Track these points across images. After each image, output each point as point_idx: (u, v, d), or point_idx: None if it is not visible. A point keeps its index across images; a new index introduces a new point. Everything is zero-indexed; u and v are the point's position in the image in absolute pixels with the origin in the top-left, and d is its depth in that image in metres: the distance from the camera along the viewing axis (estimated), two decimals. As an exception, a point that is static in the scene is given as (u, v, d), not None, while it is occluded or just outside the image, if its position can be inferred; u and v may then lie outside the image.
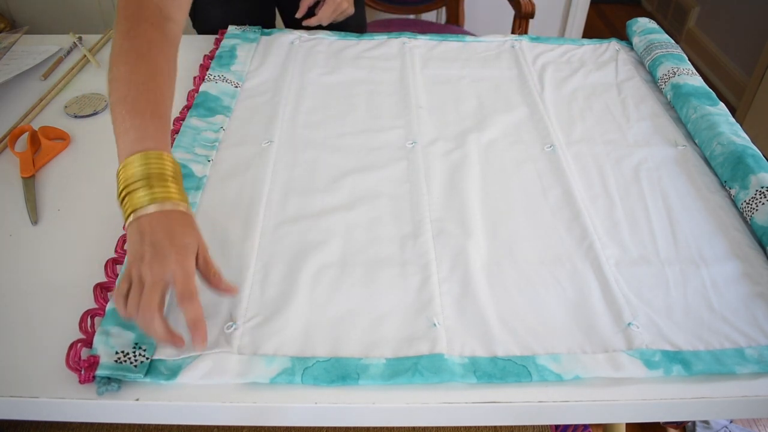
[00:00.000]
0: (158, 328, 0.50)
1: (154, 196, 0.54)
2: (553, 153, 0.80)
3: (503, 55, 1.02)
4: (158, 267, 0.51)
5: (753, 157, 0.73)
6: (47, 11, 1.77)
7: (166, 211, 0.54)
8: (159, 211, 0.54)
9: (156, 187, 0.55)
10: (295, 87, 0.92)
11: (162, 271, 0.51)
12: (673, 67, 0.92)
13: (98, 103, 0.88)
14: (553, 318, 0.59)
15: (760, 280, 0.63)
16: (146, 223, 0.54)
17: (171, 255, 0.52)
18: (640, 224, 0.69)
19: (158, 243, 0.52)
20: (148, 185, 0.55)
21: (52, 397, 0.51)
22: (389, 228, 0.68)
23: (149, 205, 0.54)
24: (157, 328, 0.50)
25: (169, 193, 0.55)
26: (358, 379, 0.52)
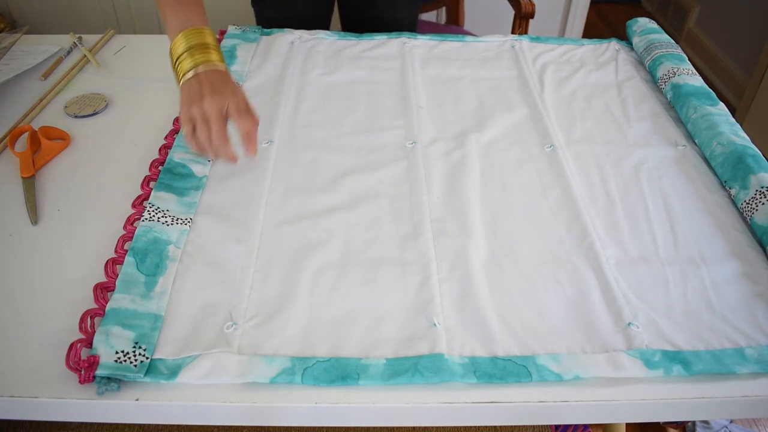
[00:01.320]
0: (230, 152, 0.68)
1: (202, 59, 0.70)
2: (553, 153, 0.80)
3: (503, 55, 1.02)
4: (219, 99, 0.66)
5: (753, 157, 0.73)
6: (47, 11, 1.77)
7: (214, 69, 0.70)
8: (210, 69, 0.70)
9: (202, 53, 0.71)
10: (295, 87, 0.92)
11: (222, 102, 0.66)
12: (673, 67, 0.92)
13: (98, 103, 0.88)
14: (553, 318, 0.59)
15: (760, 280, 0.63)
16: (202, 75, 0.69)
17: (227, 89, 0.68)
18: (640, 224, 0.69)
19: (214, 84, 0.68)
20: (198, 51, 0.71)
21: (52, 397, 0.51)
22: (389, 228, 0.68)
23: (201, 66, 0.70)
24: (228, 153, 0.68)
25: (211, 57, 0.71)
26: (358, 379, 0.52)
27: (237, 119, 0.67)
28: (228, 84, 0.69)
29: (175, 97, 0.89)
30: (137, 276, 0.60)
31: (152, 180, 0.72)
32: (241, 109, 0.67)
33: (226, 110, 0.67)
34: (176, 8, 0.73)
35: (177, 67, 0.72)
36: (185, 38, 0.71)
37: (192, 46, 0.71)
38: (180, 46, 0.71)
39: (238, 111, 0.67)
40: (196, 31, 0.72)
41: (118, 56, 1.01)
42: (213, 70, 0.70)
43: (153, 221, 0.65)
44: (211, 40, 0.73)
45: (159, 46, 1.04)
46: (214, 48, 0.73)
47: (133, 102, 0.89)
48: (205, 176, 0.74)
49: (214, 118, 0.66)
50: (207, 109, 0.66)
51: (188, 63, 0.70)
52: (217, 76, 0.69)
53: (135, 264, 0.61)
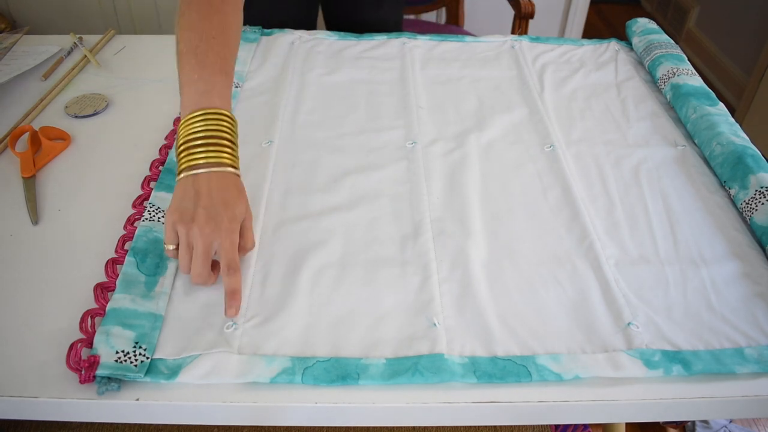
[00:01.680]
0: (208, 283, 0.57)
1: (210, 158, 0.58)
2: (553, 153, 0.80)
3: (503, 56, 1.02)
4: (209, 234, 0.55)
5: (752, 157, 0.73)
6: (48, 11, 1.77)
7: (221, 174, 0.58)
8: (215, 173, 0.57)
9: (213, 149, 0.58)
10: (295, 87, 0.92)
11: (212, 238, 0.55)
12: (672, 68, 0.92)
13: (99, 103, 0.88)
14: (553, 318, 0.59)
15: (759, 280, 0.63)
16: (203, 182, 0.57)
17: (223, 223, 0.55)
18: (640, 224, 0.69)
19: (212, 208, 0.56)
20: (206, 145, 0.58)
21: (52, 397, 0.51)
22: (389, 228, 0.68)
23: (206, 167, 0.57)
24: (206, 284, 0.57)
25: (225, 157, 0.59)
26: (358, 379, 0.52)
27: (224, 273, 0.56)
28: (229, 205, 0.57)
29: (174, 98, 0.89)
30: (137, 276, 0.60)
31: (152, 180, 0.72)
32: (231, 257, 0.55)
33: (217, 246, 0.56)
34: (197, 73, 0.59)
35: (181, 155, 0.59)
36: (201, 122, 0.58)
37: (205, 136, 0.58)
38: (192, 130, 0.58)
39: (228, 263, 0.55)
40: (214, 115, 0.59)
41: (118, 56, 1.01)
42: (219, 176, 0.58)
43: (153, 221, 0.65)
44: (229, 130, 0.60)
45: (159, 47, 1.04)
46: (229, 143, 0.60)
47: (134, 102, 0.89)
48: (206, 176, 0.74)
49: (200, 252, 0.55)
50: (193, 240, 0.55)
51: (194, 158, 0.58)
52: (222, 183, 0.57)
53: (135, 264, 0.61)
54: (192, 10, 0.61)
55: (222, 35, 0.62)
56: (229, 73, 0.62)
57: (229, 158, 0.59)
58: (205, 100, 0.58)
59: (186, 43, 0.60)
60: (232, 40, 0.64)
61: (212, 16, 0.62)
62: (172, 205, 0.56)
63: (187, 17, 0.61)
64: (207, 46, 0.60)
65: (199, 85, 0.59)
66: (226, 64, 0.62)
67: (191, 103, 0.59)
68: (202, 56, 0.60)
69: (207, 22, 0.61)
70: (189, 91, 0.59)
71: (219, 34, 0.62)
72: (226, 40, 0.62)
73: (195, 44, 0.60)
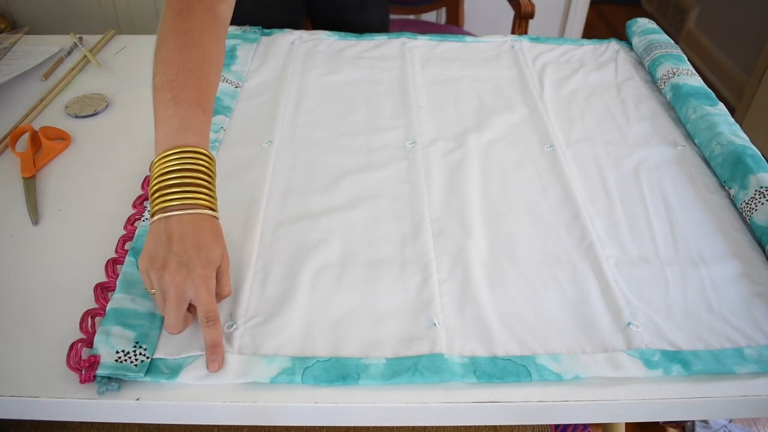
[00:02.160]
0: (180, 331, 0.52)
1: (185, 200, 0.53)
2: (553, 153, 0.80)
3: (503, 56, 1.02)
4: (181, 282, 0.50)
5: (752, 157, 0.73)
6: (48, 11, 1.77)
7: (196, 216, 0.53)
8: (189, 215, 0.53)
9: (189, 189, 0.54)
10: (295, 87, 0.92)
11: (185, 286, 0.51)
12: (672, 68, 0.92)
13: (99, 103, 0.88)
14: (553, 318, 0.59)
15: (759, 280, 0.63)
16: (175, 226, 0.52)
17: (196, 269, 0.51)
18: (640, 224, 0.69)
19: (185, 253, 0.51)
20: (181, 186, 0.53)
21: (52, 397, 0.51)
22: (389, 228, 0.68)
23: (179, 209, 0.53)
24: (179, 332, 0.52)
25: (200, 198, 0.54)
26: (358, 379, 0.52)
27: (202, 325, 0.51)
28: (203, 249, 0.52)
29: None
30: (138, 276, 0.60)
31: (152, 180, 0.72)
32: (208, 307, 0.51)
33: (192, 294, 0.52)
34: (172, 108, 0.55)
35: (154, 196, 0.54)
36: (176, 161, 0.54)
37: (180, 176, 0.53)
38: (167, 169, 0.54)
39: (206, 314, 0.51)
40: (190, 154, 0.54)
41: (118, 56, 1.01)
42: (194, 218, 0.53)
43: (153, 221, 0.65)
44: (206, 169, 0.56)
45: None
46: (207, 183, 0.55)
47: (134, 102, 0.89)
48: (206, 176, 0.74)
49: (172, 302, 0.51)
50: (165, 288, 0.51)
51: (167, 200, 0.53)
52: (196, 226, 0.53)
53: (135, 264, 0.61)
54: (169, 42, 0.58)
55: (200, 69, 0.58)
56: (207, 108, 0.58)
57: (206, 200, 0.55)
58: (180, 138, 0.55)
59: (161, 77, 0.57)
60: (211, 74, 0.60)
61: (190, 48, 0.58)
62: (144, 250, 0.52)
63: (163, 50, 0.58)
64: (183, 80, 0.57)
65: (174, 121, 0.55)
66: (203, 99, 0.58)
67: (165, 141, 0.55)
68: (178, 90, 0.56)
69: (185, 54, 0.58)
70: (163, 128, 0.55)
71: (197, 67, 0.58)
72: (204, 73, 0.59)
73: (171, 78, 0.56)
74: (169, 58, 0.58)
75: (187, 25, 0.60)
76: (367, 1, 1.15)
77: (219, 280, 0.54)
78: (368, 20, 1.14)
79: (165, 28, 0.60)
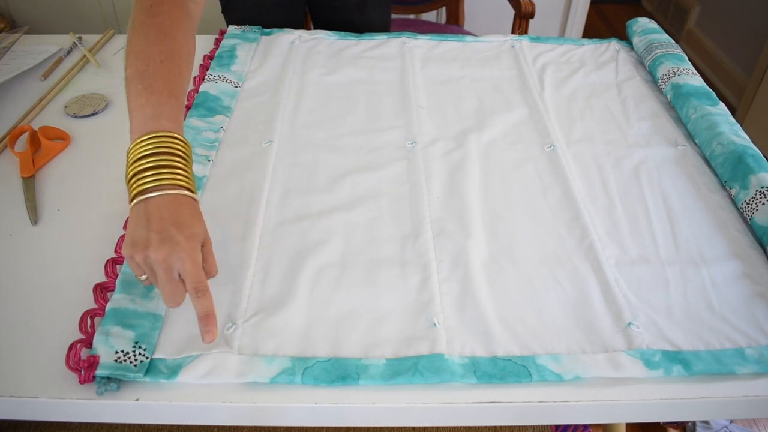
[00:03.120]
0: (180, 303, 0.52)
1: (162, 181, 0.53)
2: (553, 153, 0.80)
3: (503, 55, 1.02)
4: (166, 257, 0.50)
5: (753, 157, 0.73)
6: (47, 11, 1.77)
7: (173, 196, 0.53)
8: (167, 195, 0.53)
9: (165, 171, 0.53)
10: (295, 87, 0.92)
11: (171, 261, 0.50)
12: (673, 67, 0.92)
13: (98, 103, 0.88)
14: (553, 318, 0.59)
15: (760, 280, 0.63)
16: (154, 207, 0.52)
17: (180, 243, 0.51)
18: (640, 224, 0.69)
19: (166, 230, 0.51)
20: (157, 168, 0.53)
21: (52, 397, 0.51)
22: (389, 228, 0.68)
23: (156, 190, 0.53)
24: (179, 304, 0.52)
25: (177, 179, 0.54)
26: (358, 379, 0.52)
27: (192, 296, 0.51)
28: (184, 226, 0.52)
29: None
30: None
31: (152, 180, 0.72)
32: (197, 281, 0.51)
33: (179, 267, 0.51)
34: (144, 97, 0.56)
35: (130, 182, 0.54)
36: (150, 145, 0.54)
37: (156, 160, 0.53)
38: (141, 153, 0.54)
39: (194, 285, 0.51)
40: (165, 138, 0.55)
41: (118, 56, 1.01)
42: (172, 198, 0.53)
43: (153, 221, 0.65)
44: (181, 152, 0.55)
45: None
46: (183, 165, 0.55)
47: (133, 102, 0.89)
48: (205, 176, 0.74)
49: (163, 279, 0.51)
50: (153, 267, 0.51)
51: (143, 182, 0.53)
52: (174, 208, 0.52)
53: (135, 264, 0.60)
54: (139, 36, 0.59)
55: (170, 60, 0.59)
56: (179, 96, 0.59)
57: (183, 180, 0.54)
58: (154, 124, 0.55)
59: (132, 68, 0.58)
60: (182, 64, 0.61)
61: (160, 41, 0.59)
62: (126, 237, 0.52)
63: (134, 43, 0.59)
64: (154, 70, 0.57)
65: (147, 109, 0.56)
66: (175, 88, 0.58)
67: (139, 128, 0.55)
68: (149, 80, 0.57)
69: (155, 47, 0.59)
70: (137, 117, 0.56)
71: (167, 59, 0.59)
72: (175, 64, 0.59)
73: (142, 69, 0.57)
74: (140, 50, 0.59)
75: (156, 20, 0.61)
76: (367, 2, 1.15)
77: (205, 259, 0.54)
78: (369, 21, 1.14)
79: (135, 23, 0.61)
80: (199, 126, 0.81)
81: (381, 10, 1.17)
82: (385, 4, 1.18)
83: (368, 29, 1.10)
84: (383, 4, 1.17)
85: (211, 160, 0.76)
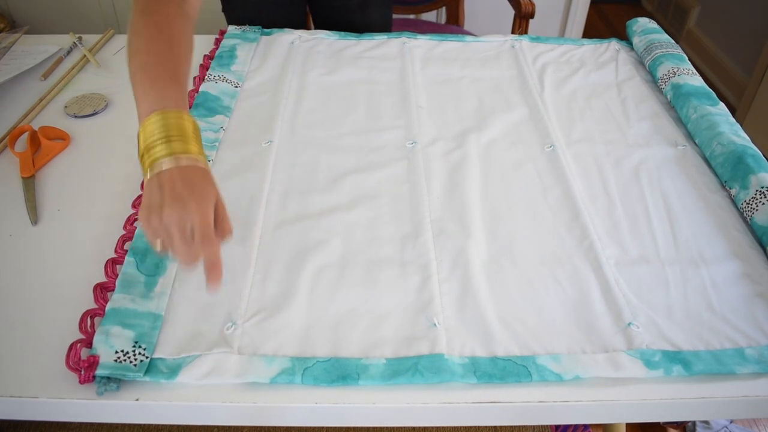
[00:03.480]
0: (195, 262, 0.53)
1: (173, 151, 0.55)
2: (553, 153, 0.80)
3: (503, 55, 1.02)
4: (180, 216, 0.52)
5: (753, 157, 0.73)
6: (47, 11, 1.77)
7: (185, 166, 0.55)
8: (178, 166, 0.55)
9: (175, 143, 0.56)
10: (295, 87, 0.92)
11: (184, 216, 0.52)
12: (673, 67, 0.92)
13: (98, 103, 0.88)
14: (553, 318, 0.59)
15: (760, 280, 0.63)
16: (166, 176, 0.54)
17: (191, 202, 0.52)
18: (640, 224, 0.69)
19: (178, 193, 0.53)
20: (167, 141, 0.56)
21: (52, 397, 0.51)
22: (389, 228, 0.68)
23: (168, 159, 0.54)
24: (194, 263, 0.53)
25: (188, 149, 0.56)
26: (358, 379, 0.52)
27: (200, 245, 0.53)
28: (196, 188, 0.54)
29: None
30: (137, 276, 0.60)
31: (152, 180, 0.72)
32: (205, 231, 0.53)
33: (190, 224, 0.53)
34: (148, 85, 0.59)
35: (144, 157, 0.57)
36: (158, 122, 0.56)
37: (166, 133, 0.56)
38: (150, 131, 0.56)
39: (202, 235, 0.52)
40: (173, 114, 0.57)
41: (118, 56, 1.01)
42: (184, 167, 0.55)
43: (153, 221, 0.65)
44: (191, 126, 0.58)
45: (159, 46, 1.04)
46: (193, 137, 0.58)
47: (133, 102, 0.89)
48: (205, 176, 0.74)
49: (177, 238, 0.52)
50: (167, 226, 0.52)
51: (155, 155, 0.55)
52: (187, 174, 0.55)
53: (135, 264, 0.61)
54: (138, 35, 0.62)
55: (170, 51, 0.62)
56: (181, 80, 0.61)
57: (194, 152, 0.57)
58: (159, 105, 0.58)
59: (134, 63, 0.61)
60: (181, 55, 0.63)
61: (159, 36, 0.63)
62: (142, 204, 0.54)
63: (134, 42, 0.62)
64: (155, 62, 0.60)
65: (151, 95, 0.58)
66: (176, 74, 0.61)
67: (146, 111, 0.58)
68: (151, 71, 0.60)
69: (153, 43, 0.62)
70: (143, 103, 0.58)
71: (166, 50, 0.62)
72: (174, 55, 0.62)
73: (143, 62, 0.60)
74: (139, 47, 0.62)
75: (154, 18, 0.64)
76: (369, 2, 1.15)
77: (218, 218, 0.55)
78: (370, 21, 1.14)
79: (134, 24, 0.64)
80: (199, 126, 0.81)
81: (382, 10, 1.18)
82: (386, 4, 1.18)
83: (369, 29, 1.10)
84: (384, 5, 1.18)
85: (211, 161, 0.76)
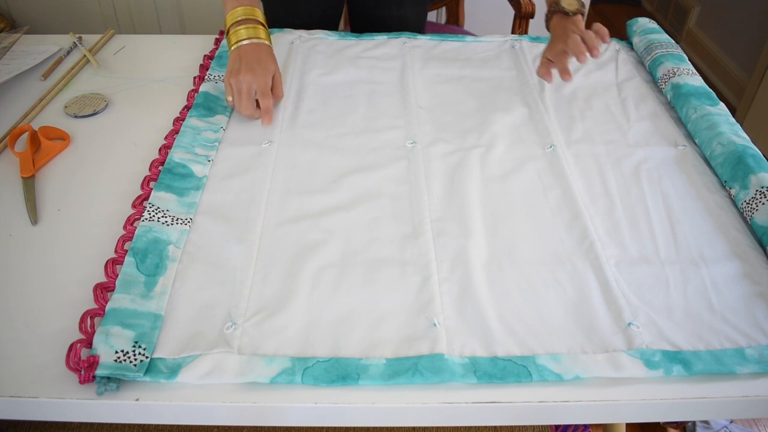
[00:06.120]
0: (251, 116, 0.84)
1: (249, 33, 0.85)
2: (554, 153, 0.80)
3: (503, 55, 1.02)
4: (250, 77, 0.81)
5: (753, 157, 0.73)
6: (47, 11, 1.77)
7: (256, 44, 0.85)
8: (252, 43, 0.84)
9: (251, 28, 0.85)
10: (295, 87, 0.92)
11: (252, 80, 0.81)
12: (673, 67, 0.92)
13: (98, 103, 0.88)
14: (553, 318, 0.59)
15: (760, 280, 0.63)
16: (243, 50, 0.84)
17: (257, 71, 0.82)
18: (640, 224, 0.69)
19: (249, 63, 0.82)
20: (246, 24, 0.85)
21: (52, 397, 0.51)
22: (389, 228, 0.68)
23: (245, 40, 0.84)
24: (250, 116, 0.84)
25: (259, 33, 0.86)
26: (358, 379, 0.52)
27: (260, 98, 0.82)
28: (262, 62, 0.83)
29: (174, 98, 0.90)
30: (137, 276, 0.60)
31: (152, 180, 0.72)
32: (264, 91, 0.82)
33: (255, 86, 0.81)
34: None
35: (229, 35, 0.86)
36: (241, 13, 0.86)
37: (245, 20, 0.85)
38: (234, 18, 0.86)
39: (261, 92, 0.82)
40: (250, 9, 0.87)
41: (118, 56, 1.01)
42: (257, 44, 0.84)
43: (153, 221, 0.65)
44: (261, 18, 0.87)
45: (159, 47, 1.04)
46: (263, 25, 0.87)
47: (133, 102, 0.89)
48: (205, 176, 0.74)
49: (244, 93, 0.81)
50: (240, 85, 0.81)
51: (240, 33, 0.84)
52: (257, 50, 0.83)
53: (135, 264, 0.60)
54: None
55: None
56: None
57: (264, 35, 0.86)
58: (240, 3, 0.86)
59: None
60: None
61: None
62: (227, 68, 0.84)
63: None
64: None
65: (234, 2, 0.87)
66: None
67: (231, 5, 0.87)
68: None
69: None
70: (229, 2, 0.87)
71: None
72: None
73: None
74: None
75: None
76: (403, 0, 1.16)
77: (274, 86, 0.84)
78: (404, 17, 1.17)
79: None
80: (199, 126, 0.81)
81: (418, 8, 1.19)
82: (421, 3, 1.19)
83: (404, 26, 1.13)
84: (419, 3, 1.18)
85: (211, 160, 0.76)
